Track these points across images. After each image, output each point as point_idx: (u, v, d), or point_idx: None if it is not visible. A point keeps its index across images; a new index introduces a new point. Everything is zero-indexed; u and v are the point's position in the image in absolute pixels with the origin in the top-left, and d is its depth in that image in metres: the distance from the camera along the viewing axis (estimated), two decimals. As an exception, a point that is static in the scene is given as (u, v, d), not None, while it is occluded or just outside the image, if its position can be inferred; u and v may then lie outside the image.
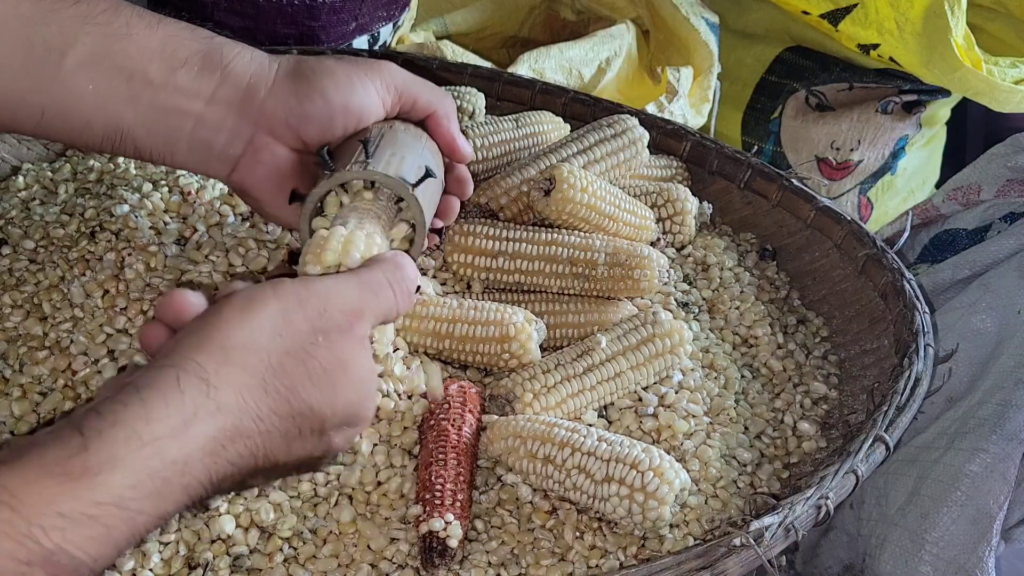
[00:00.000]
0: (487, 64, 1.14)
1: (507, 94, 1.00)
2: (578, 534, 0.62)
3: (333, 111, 0.61)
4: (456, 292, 0.76)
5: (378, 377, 0.62)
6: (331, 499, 0.62)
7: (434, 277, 0.75)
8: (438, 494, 0.60)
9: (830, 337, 0.82)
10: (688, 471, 0.63)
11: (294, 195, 0.62)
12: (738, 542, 0.55)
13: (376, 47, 1.17)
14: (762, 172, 0.90)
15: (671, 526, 0.62)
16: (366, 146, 0.59)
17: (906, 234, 0.89)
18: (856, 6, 1.20)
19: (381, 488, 0.63)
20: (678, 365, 0.71)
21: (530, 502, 0.64)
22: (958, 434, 0.79)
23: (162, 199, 0.77)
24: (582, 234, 0.75)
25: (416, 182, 0.59)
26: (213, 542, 0.60)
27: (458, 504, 0.60)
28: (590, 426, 0.64)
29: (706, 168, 0.93)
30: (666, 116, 1.08)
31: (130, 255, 0.71)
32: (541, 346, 0.70)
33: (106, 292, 0.70)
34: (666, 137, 0.94)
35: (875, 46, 1.22)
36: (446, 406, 0.65)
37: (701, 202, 0.87)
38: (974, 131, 1.48)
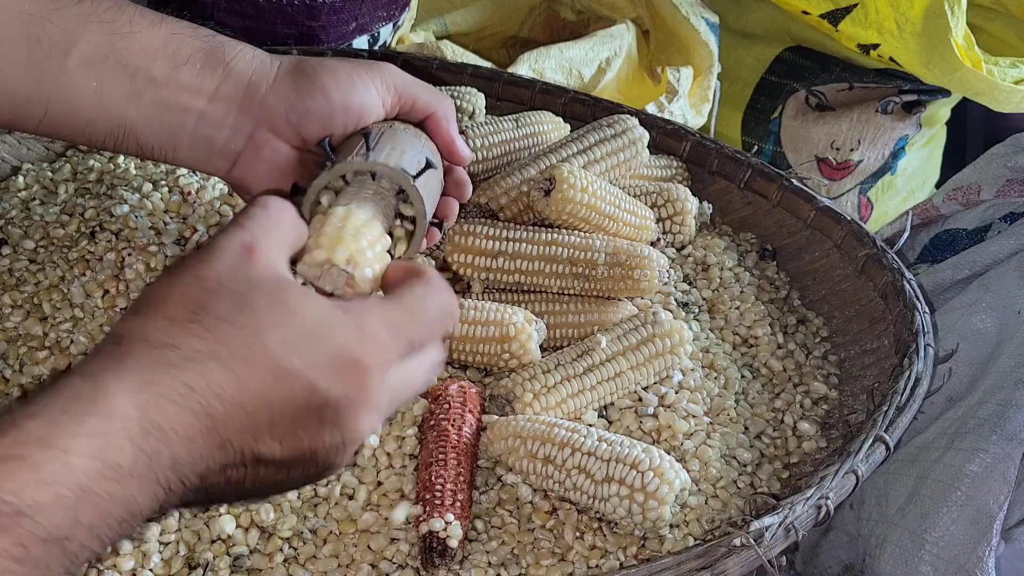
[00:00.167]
0: (487, 64, 1.14)
1: (507, 94, 1.00)
2: (578, 534, 0.62)
3: (334, 108, 0.62)
4: (456, 292, 0.76)
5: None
6: (331, 499, 0.62)
7: (434, 277, 0.75)
8: (438, 494, 0.60)
9: (830, 337, 0.82)
10: (688, 471, 0.63)
11: (295, 188, 0.63)
12: (738, 542, 0.55)
13: (376, 47, 1.17)
14: (762, 172, 0.90)
15: (671, 526, 0.62)
16: (367, 139, 0.60)
17: (906, 234, 0.89)
18: (856, 6, 1.20)
19: (381, 488, 0.63)
20: (678, 365, 0.71)
21: (530, 502, 0.64)
22: (958, 434, 0.79)
23: (162, 199, 0.77)
24: (582, 234, 0.75)
25: (417, 173, 0.60)
26: (213, 542, 0.60)
27: (458, 504, 0.60)
28: (590, 426, 0.64)
29: (706, 168, 0.93)
30: (666, 116, 1.08)
31: (130, 255, 0.71)
32: (541, 346, 0.70)
33: (106, 292, 0.70)
34: (666, 137, 0.94)
35: (875, 46, 1.22)
36: (446, 406, 0.65)
37: (701, 202, 0.87)
38: (974, 131, 1.48)
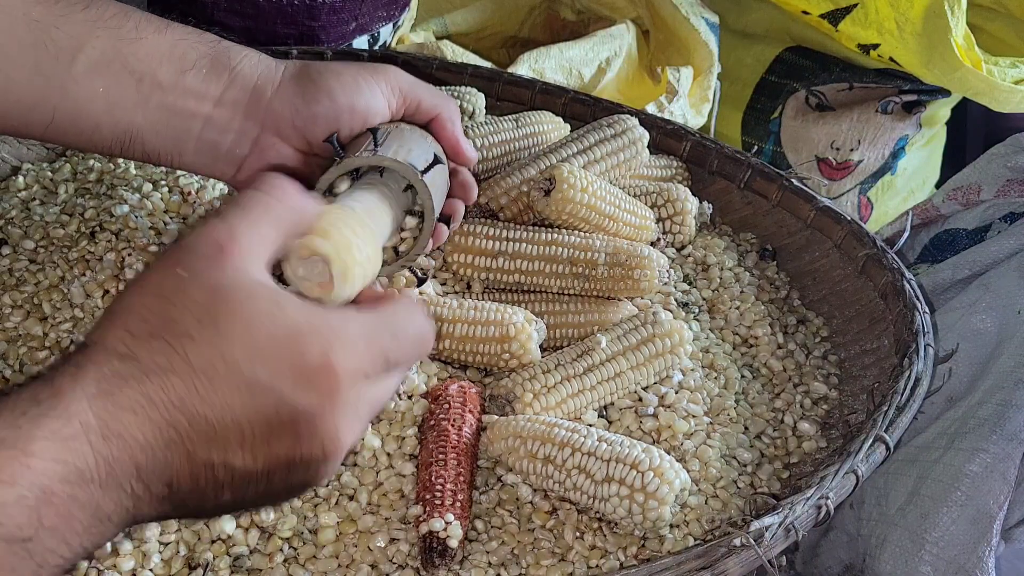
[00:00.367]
0: (487, 64, 1.14)
1: (507, 94, 1.00)
2: (578, 534, 0.62)
3: (339, 112, 0.62)
4: (456, 292, 0.76)
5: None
6: (331, 499, 0.62)
7: (434, 277, 0.75)
8: (438, 494, 0.60)
9: (830, 337, 0.82)
10: (688, 471, 0.63)
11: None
12: (738, 542, 0.55)
13: (376, 47, 1.17)
14: (762, 172, 0.90)
15: (671, 526, 0.62)
16: (375, 136, 0.60)
17: (906, 234, 0.89)
18: (856, 6, 1.20)
19: (381, 488, 0.63)
20: (678, 365, 0.71)
21: (530, 502, 0.64)
22: (958, 434, 0.79)
23: (162, 199, 0.77)
24: (582, 234, 0.75)
25: (424, 169, 0.60)
26: (213, 542, 0.60)
27: (458, 504, 0.60)
28: (590, 426, 0.64)
29: (706, 168, 0.93)
30: (666, 116, 1.08)
31: (130, 255, 0.71)
32: (541, 346, 0.70)
33: (106, 292, 0.70)
34: (666, 137, 0.94)
35: (875, 46, 1.22)
36: (446, 406, 0.65)
37: (701, 202, 0.87)
38: (974, 131, 1.48)
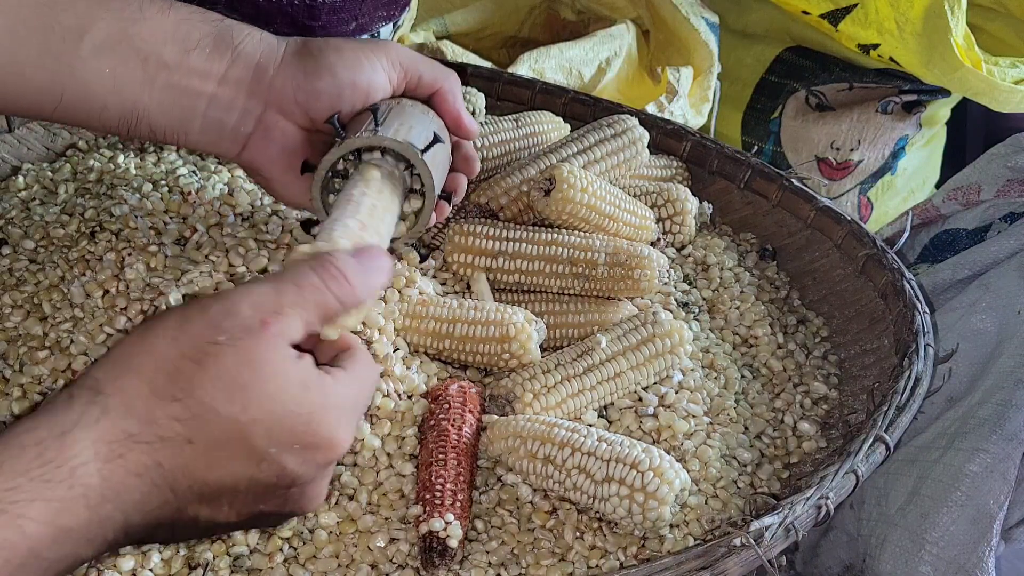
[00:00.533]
0: (487, 64, 1.14)
1: (507, 94, 1.00)
2: (578, 534, 0.62)
3: (341, 87, 0.62)
4: (456, 292, 0.76)
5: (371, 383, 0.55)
6: (331, 499, 0.62)
7: (434, 277, 0.75)
8: (438, 494, 0.60)
9: (830, 337, 0.82)
10: (688, 471, 0.63)
11: (305, 165, 0.63)
12: (738, 542, 0.55)
13: (376, 47, 1.17)
14: (762, 172, 0.90)
15: (671, 526, 0.62)
16: (375, 115, 0.61)
17: (906, 234, 0.89)
18: (856, 6, 1.20)
19: (381, 488, 0.63)
20: (678, 365, 0.71)
21: (530, 502, 0.64)
22: (958, 434, 0.79)
23: (162, 199, 0.77)
24: (582, 234, 0.75)
25: (425, 147, 0.60)
26: (213, 542, 0.60)
27: (458, 504, 0.60)
28: (590, 426, 0.64)
29: (706, 168, 0.93)
30: (666, 116, 1.09)
31: (130, 255, 0.71)
32: (541, 346, 0.70)
33: (106, 292, 0.70)
34: (666, 137, 0.94)
35: (875, 46, 1.22)
36: (446, 406, 0.65)
37: (701, 202, 0.87)
38: (974, 131, 1.48)
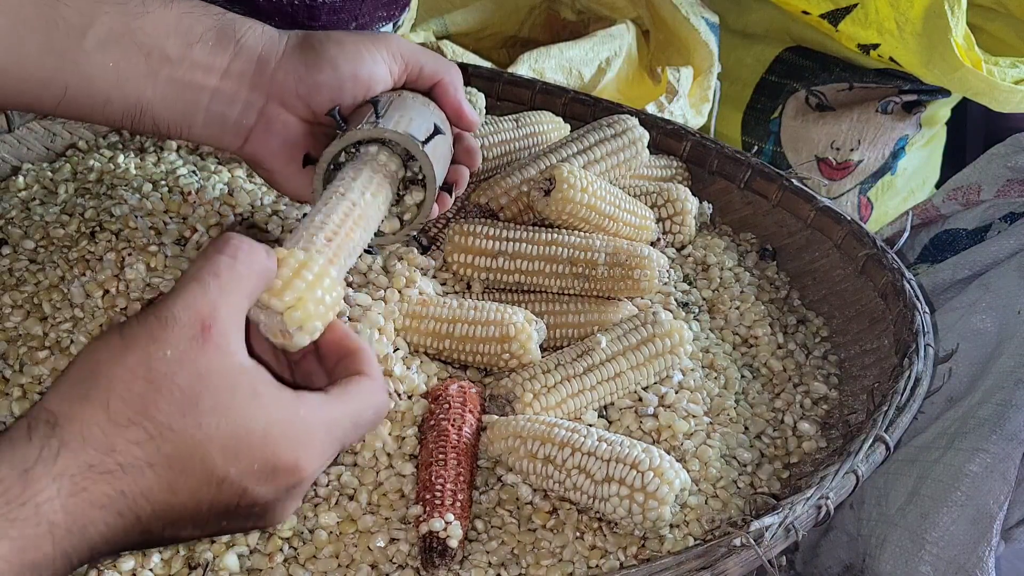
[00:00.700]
0: (487, 64, 1.14)
1: (507, 94, 1.00)
2: (578, 534, 0.62)
3: (342, 80, 0.62)
4: (456, 292, 0.76)
5: None
6: (331, 499, 0.62)
7: (434, 277, 0.75)
8: (438, 494, 0.60)
9: (830, 337, 0.82)
10: (688, 471, 0.63)
11: (307, 159, 0.63)
12: (738, 542, 0.55)
13: (376, 47, 1.17)
14: (762, 172, 0.90)
15: (671, 526, 0.62)
16: (376, 107, 0.61)
17: (906, 234, 0.89)
18: (856, 6, 1.20)
19: (381, 488, 0.63)
20: (678, 365, 0.71)
21: (530, 502, 0.64)
22: (958, 434, 0.79)
23: (162, 199, 0.77)
24: (582, 234, 0.75)
25: (425, 139, 0.60)
26: (213, 542, 0.60)
27: (458, 504, 0.60)
28: (590, 426, 0.64)
29: (706, 168, 0.93)
30: (666, 116, 1.09)
31: (130, 255, 0.71)
32: (541, 346, 0.70)
33: (106, 292, 0.70)
34: (666, 137, 0.94)
35: (875, 46, 1.22)
36: (446, 406, 0.65)
37: (701, 202, 0.87)
38: (974, 131, 1.48)
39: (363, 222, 0.57)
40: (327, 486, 0.63)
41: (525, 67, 1.14)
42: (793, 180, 0.89)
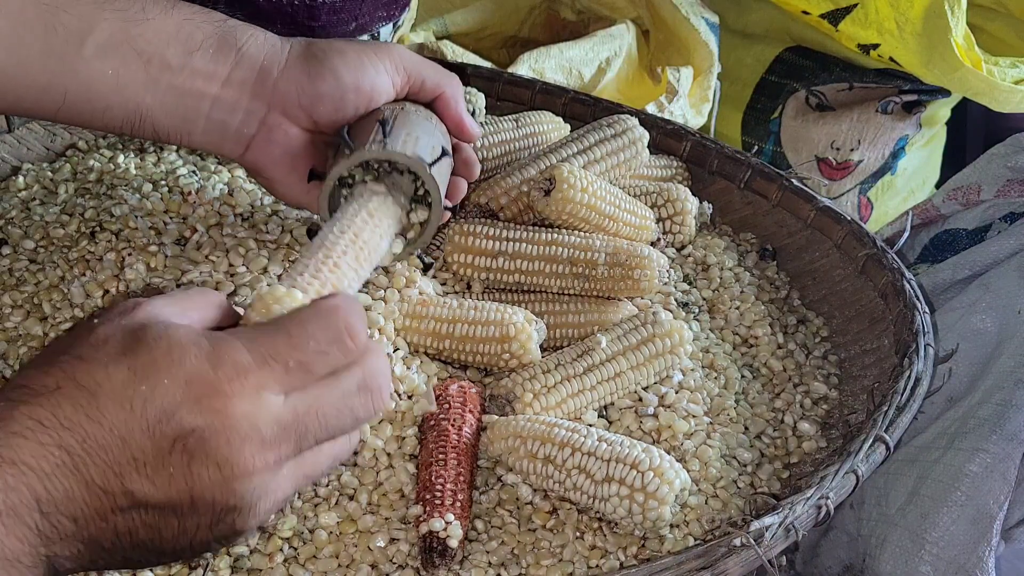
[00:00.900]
0: (487, 64, 1.14)
1: (507, 94, 1.00)
2: (578, 534, 0.62)
3: (344, 90, 0.62)
4: (456, 292, 0.76)
5: None
6: (331, 499, 0.62)
7: (434, 277, 0.75)
8: (438, 494, 0.60)
9: (830, 337, 0.82)
10: (688, 471, 0.63)
11: (312, 174, 0.63)
12: (738, 542, 0.55)
13: (376, 47, 1.17)
14: (762, 172, 0.90)
15: (671, 526, 0.62)
16: (383, 125, 0.60)
17: (906, 234, 0.89)
18: (856, 6, 1.20)
19: (381, 488, 0.63)
20: (678, 365, 0.71)
21: (530, 502, 0.64)
22: (958, 434, 0.79)
23: (162, 199, 0.77)
24: (582, 234, 0.75)
25: (432, 161, 0.60)
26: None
27: (458, 504, 0.60)
28: (590, 426, 0.64)
29: (706, 168, 0.93)
30: (666, 116, 1.08)
31: (130, 255, 0.71)
32: (541, 346, 0.70)
33: (106, 292, 0.70)
34: (666, 137, 0.94)
35: (875, 46, 1.22)
36: (446, 406, 0.65)
37: (701, 202, 0.87)
38: (974, 131, 1.48)
39: (364, 256, 0.57)
40: (327, 486, 0.63)
41: (525, 67, 1.14)
42: (793, 180, 0.89)
